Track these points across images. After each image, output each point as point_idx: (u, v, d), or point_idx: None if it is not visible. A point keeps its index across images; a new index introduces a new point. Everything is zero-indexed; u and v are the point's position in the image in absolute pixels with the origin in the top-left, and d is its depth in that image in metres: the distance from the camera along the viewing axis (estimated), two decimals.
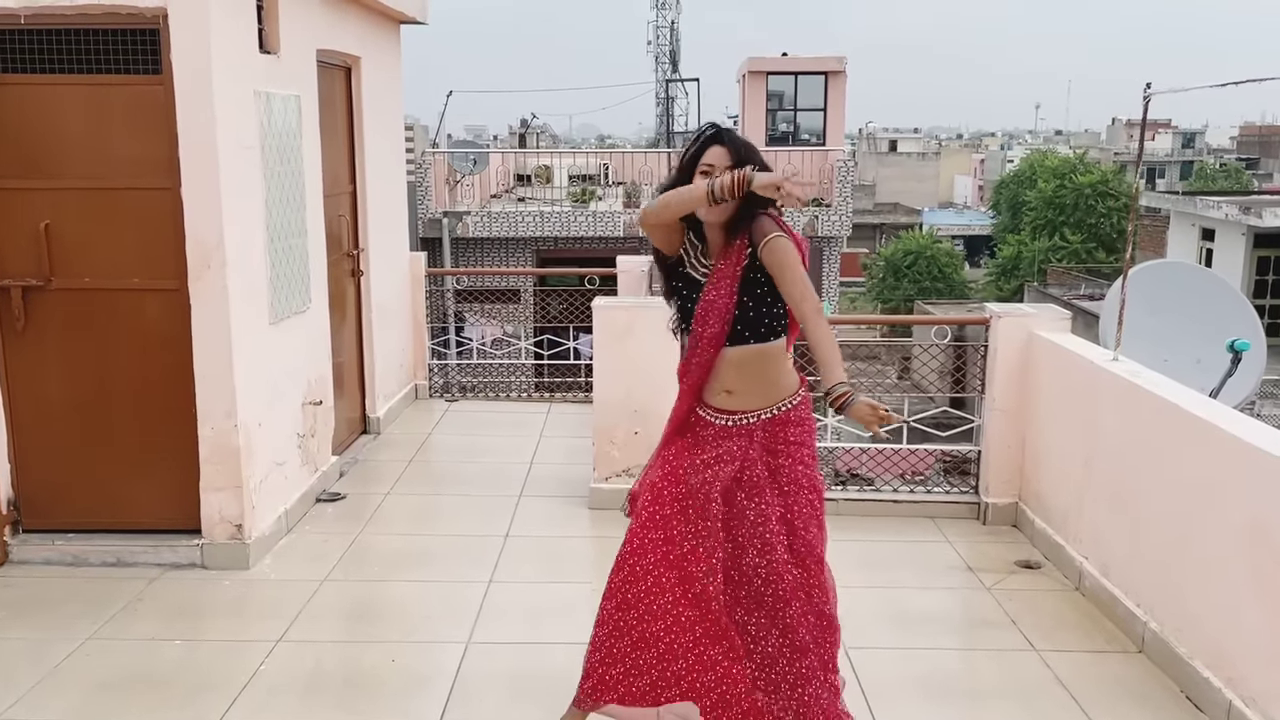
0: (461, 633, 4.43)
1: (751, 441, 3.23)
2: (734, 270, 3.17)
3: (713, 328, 3.20)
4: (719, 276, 3.19)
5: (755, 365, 3.23)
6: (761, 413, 3.24)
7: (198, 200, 4.79)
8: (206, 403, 4.95)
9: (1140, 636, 4.33)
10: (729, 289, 3.17)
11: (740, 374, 3.24)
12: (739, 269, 3.17)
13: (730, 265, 3.17)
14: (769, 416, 3.24)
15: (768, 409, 3.24)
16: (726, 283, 3.17)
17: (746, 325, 3.20)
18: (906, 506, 5.93)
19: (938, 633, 4.60)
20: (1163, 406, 4.30)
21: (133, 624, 4.49)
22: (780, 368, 3.27)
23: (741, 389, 3.25)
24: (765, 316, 3.20)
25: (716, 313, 3.19)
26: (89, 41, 4.74)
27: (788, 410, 3.25)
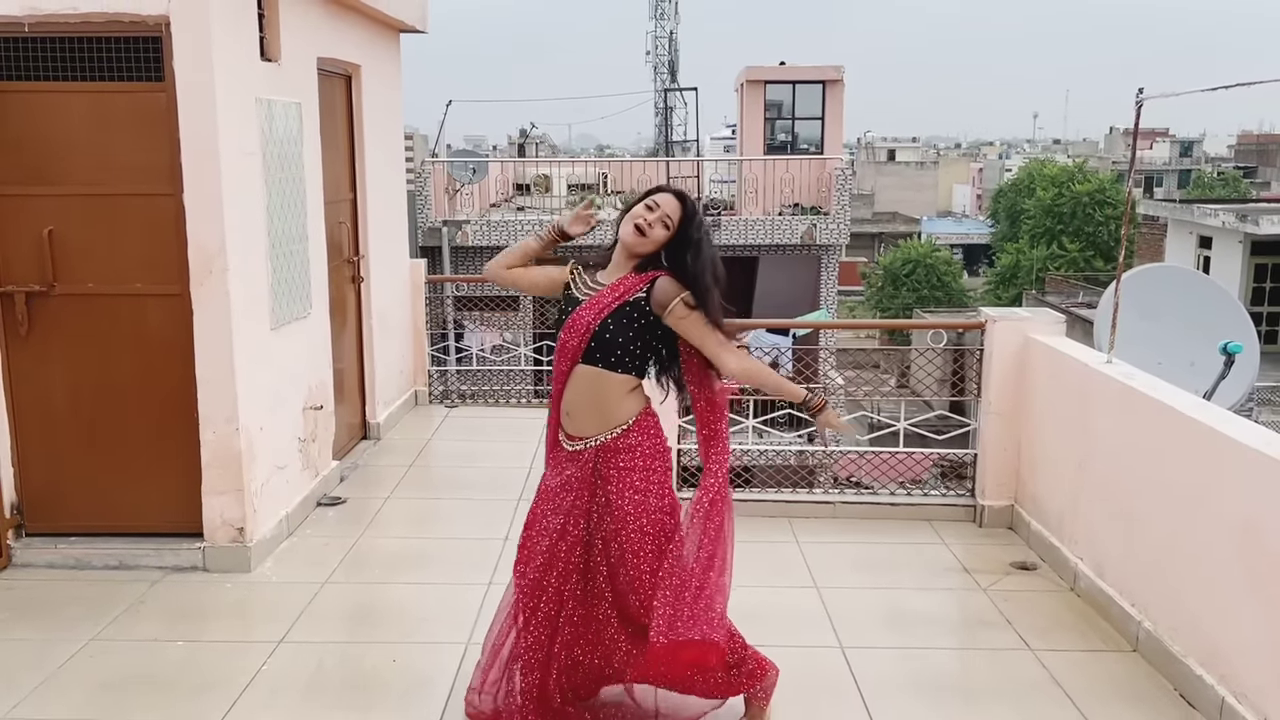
0: (461, 634, 4.46)
1: (589, 469, 3.40)
2: (614, 299, 3.33)
3: (573, 340, 3.35)
4: (598, 299, 3.36)
5: (593, 387, 3.35)
6: (595, 438, 3.38)
7: (200, 206, 4.84)
8: (208, 407, 4.99)
9: (1135, 636, 4.37)
10: (598, 311, 3.33)
11: (578, 393, 3.37)
12: (619, 300, 3.33)
13: (612, 293, 3.35)
14: (599, 443, 3.38)
15: (600, 434, 3.38)
16: (599, 306, 3.34)
17: (601, 347, 3.33)
18: (904, 509, 5.96)
19: (934, 633, 4.63)
20: (1156, 408, 4.34)
21: (135, 625, 4.52)
22: (616, 397, 3.36)
23: (577, 411, 3.39)
24: (618, 348, 3.32)
25: (579, 328, 3.34)
26: (92, 49, 4.80)
27: (616, 437, 3.37)
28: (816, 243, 19.14)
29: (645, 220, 3.33)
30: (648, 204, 3.36)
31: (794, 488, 6.23)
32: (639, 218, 3.34)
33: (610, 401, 3.36)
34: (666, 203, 3.36)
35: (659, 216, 3.33)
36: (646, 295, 3.33)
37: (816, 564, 5.29)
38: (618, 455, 3.37)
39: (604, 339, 3.32)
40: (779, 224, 19.09)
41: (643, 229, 3.32)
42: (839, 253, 19.98)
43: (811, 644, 4.40)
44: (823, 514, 5.95)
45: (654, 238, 3.34)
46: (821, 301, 19.45)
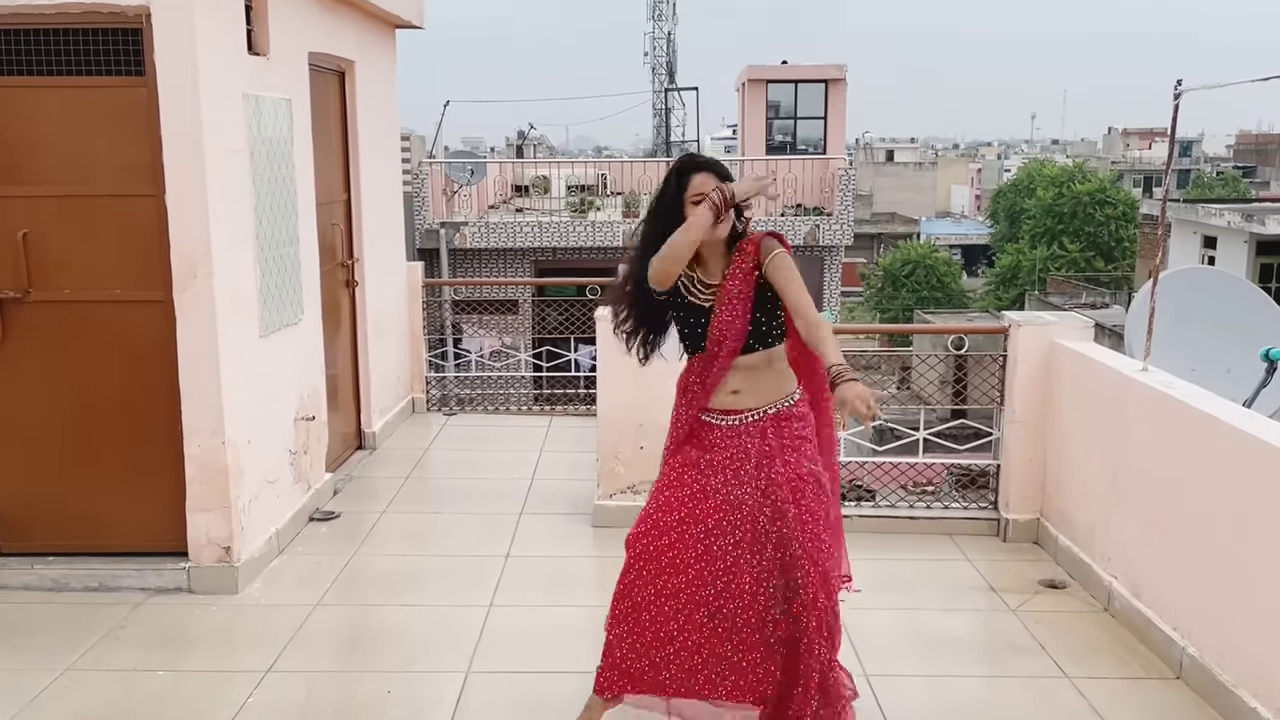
0: (461, 661, 4.20)
1: (765, 438, 3.32)
2: (745, 290, 3.28)
3: (730, 345, 3.30)
4: (729, 298, 3.28)
5: (762, 368, 3.34)
6: (766, 408, 3.34)
7: (183, 207, 4.58)
8: (193, 419, 4.73)
9: (1178, 662, 4.11)
10: (743, 309, 3.28)
11: (747, 377, 3.33)
12: (750, 289, 3.28)
13: (738, 284, 3.29)
14: (774, 412, 3.34)
15: (772, 405, 3.34)
16: (740, 303, 3.28)
17: (758, 338, 3.32)
18: (923, 523, 5.70)
19: (963, 659, 4.37)
20: (1200, 419, 4.08)
21: (114, 653, 4.25)
22: (783, 368, 3.39)
23: (747, 389, 3.34)
24: (772, 327, 3.33)
25: (734, 332, 3.29)
26: (68, 42, 4.54)
27: (791, 406, 3.36)
28: (819, 244, 18.89)
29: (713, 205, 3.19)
30: (693, 200, 3.25)
31: None
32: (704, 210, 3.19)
33: (782, 371, 3.39)
34: (708, 184, 3.25)
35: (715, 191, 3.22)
36: (759, 265, 3.27)
37: None
38: (792, 423, 3.34)
39: (759, 331, 3.31)
40: (781, 225, 18.82)
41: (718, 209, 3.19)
42: (841, 254, 19.72)
43: None
44: None
45: (727, 217, 3.25)
46: (825, 304, 19.18)
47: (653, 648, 3.28)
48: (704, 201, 3.20)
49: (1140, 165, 67.99)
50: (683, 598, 3.27)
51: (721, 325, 3.29)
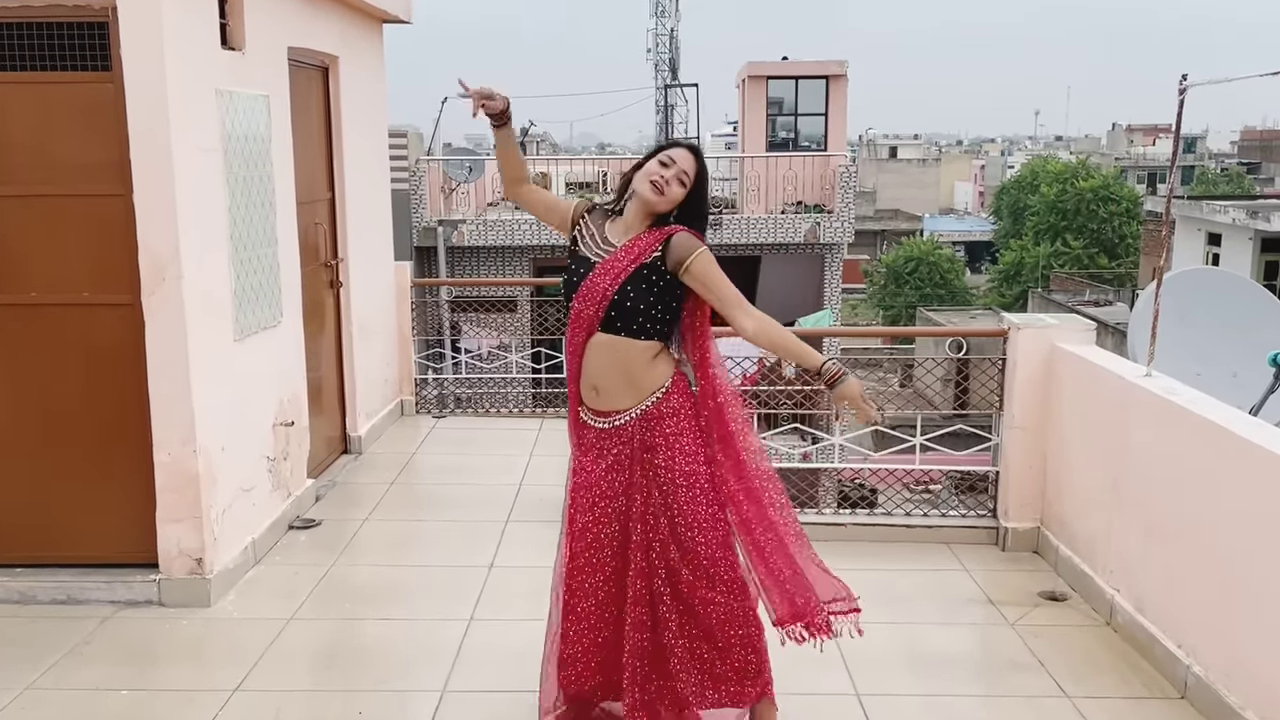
0: (437, 680, 4.04)
1: (631, 444, 3.25)
2: (630, 261, 3.17)
3: (589, 309, 3.19)
4: (612, 261, 3.20)
5: (617, 357, 3.20)
6: (633, 410, 3.24)
7: (151, 207, 4.42)
8: (163, 427, 4.57)
9: (1183, 681, 3.94)
10: (614, 276, 3.17)
11: (603, 366, 3.22)
12: (636, 263, 3.17)
13: (628, 255, 3.19)
14: (640, 413, 3.24)
15: (637, 405, 3.24)
16: (616, 270, 3.17)
17: (621, 315, 3.17)
18: (920, 531, 5.54)
19: (960, 677, 4.21)
20: (1205, 427, 3.91)
21: (77, 670, 4.10)
22: (644, 364, 3.22)
23: (606, 385, 3.23)
24: (640, 315, 3.17)
25: (595, 295, 3.18)
26: (32, 37, 4.38)
27: (658, 403, 3.24)
28: (820, 241, 18.71)
29: (662, 177, 3.18)
30: (662, 160, 3.20)
31: (800, 506, 5.80)
32: (655, 175, 3.18)
33: (638, 370, 3.22)
34: (683, 159, 3.22)
35: (675, 174, 3.19)
36: (663, 254, 3.18)
37: None
38: (663, 421, 3.24)
39: (624, 306, 3.16)
40: (782, 222, 18.67)
41: (660, 186, 3.18)
42: (843, 251, 19.54)
43: (825, 690, 3.97)
44: (833, 536, 5.51)
45: (671, 196, 3.20)
46: (826, 301, 19.02)
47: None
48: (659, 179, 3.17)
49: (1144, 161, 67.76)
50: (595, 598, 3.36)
51: (589, 284, 3.19)
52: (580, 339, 3.23)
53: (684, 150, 3.25)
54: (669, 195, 3.19)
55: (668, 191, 3.18)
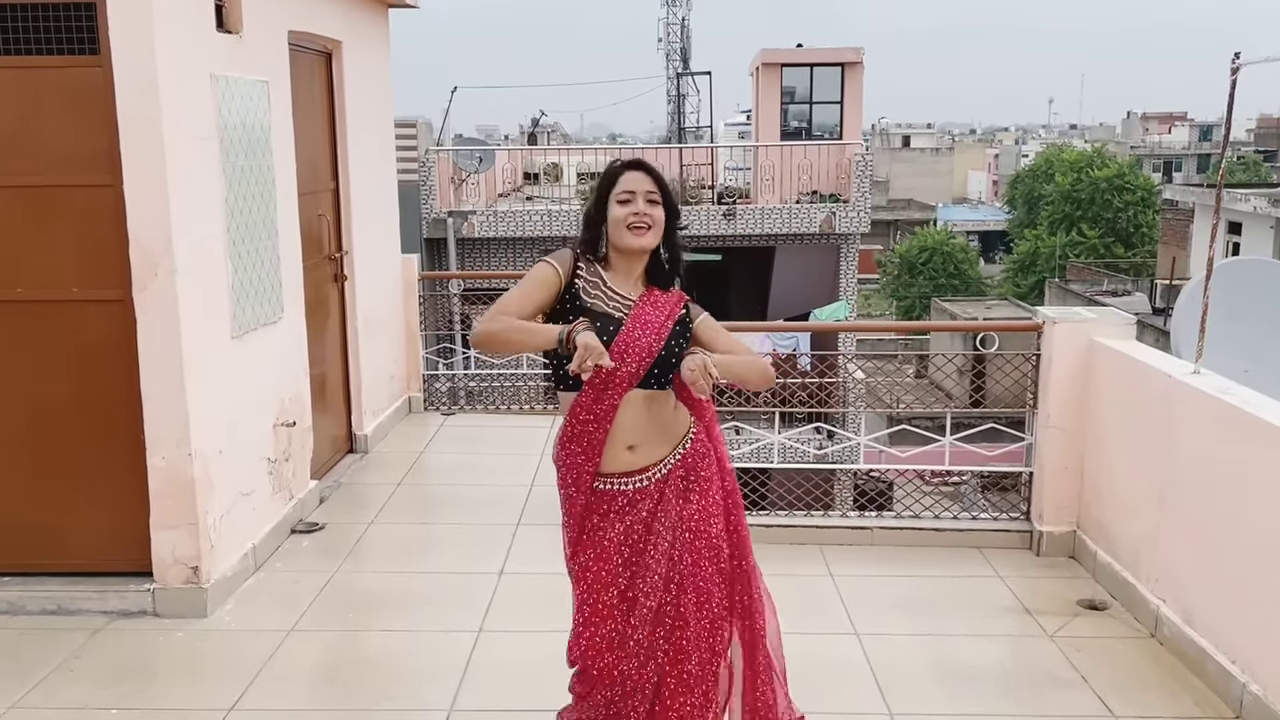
0: (444, 698, 3.81)
1: (664, 493, 2.96)
2: (666, 316, 2.95)
3: (629, 367, 2.88)
4: (648, 316, 2.93)
5: (654, 410, 2.95)
6: (667, 461, 2.97)
7: (142, 198, 4.20)
8: (156, 429, 4.35)
9: (1238, 700, 3.69)
10: (658, 332, 2.91)
11: (642, 420, 2.92)
12: (672, 318, 2.95)
13: (660, 311, 2.95)
14: (678, 458, 2.99)
15: (672, 454, 2.98)
16: (656, 324, 2.92)
17: (662, 370, 2.92)
18: (949, 535, 5.29)
19: (997, 694, 3.96)
20: (1262, 428, 3.66)
21: (66, 688, 3.89)
22: (672, 411, 3.00)
23: (643, 439, 2.94)
24: (672, 369, 2.93)
25: (639, 352, 2.88)
26: (16, 18, 4.15)
27: (691, 446, 3.01)
28: (835, 231, 18.41)
29: (636, 215, 2.90)
30: (620, 198, 2.93)
31: (824, 509, 5.57)
32: (627, 219, 2.90)
33: (670, 417, 2.99)
34: (639, 182, 2.94)
35: (643, 200, 2.92)
36: (686, 311, 3.01)
37: (855, 603, 4.63)
38: (698, 464, 3.01)
39: (666, 363, 2.91)
40: (796, 212, 18.35)
41: (640, 226, 2.91)
42: (858, 241, 19.24)
43: (856, 711, 3.74)
44: (859, 540, 5.28)
45: (657, 222, 2.93)
46: (841, 293, 18.72)
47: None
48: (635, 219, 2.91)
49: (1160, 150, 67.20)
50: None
51: (628, 338, 2.88)
52: (612, 401, 2.89)
53: (632, 173, 2.96)
54: (655, 226, 2.94)
55: (653, 221, 2.93)
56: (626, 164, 3.00)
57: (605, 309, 2.91)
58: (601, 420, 2.90)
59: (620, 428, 2.91)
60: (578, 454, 2.93)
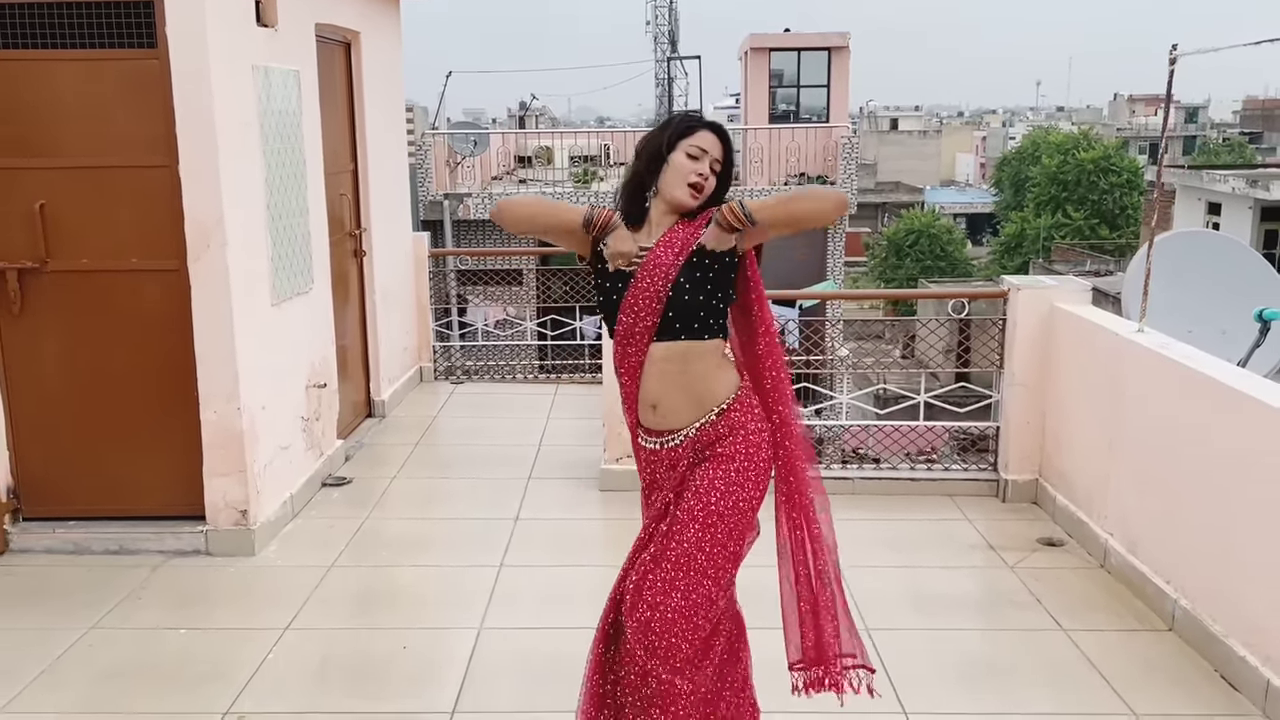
0: (473, 618, 4.32)
1: (683, 465, 2.88)
2: (676, 254, 2.82)
3: (643, 320, 2.82)
4: (654, 261, 2.82)
5: (683, 367, 2.83)
6: (688, 430, 2.86)
7: (196, 178, 4.67)
8: (208, 386, 4.83)
9: (1170, 614, 4.22)
10: (665, 274, 2.80)
11: (665, 380, 2.84)
12: (683, 253, 2.81)
13: (670, 249, 2.83)
14: (697, 430, 2.85)
15: (697, 420, 2.85)
16: (662, 268, 2.81)
17: (680, 314, 2.80)
18: (924, 485, 5.81)
19: (962, 614, 4.49)
20: (1194, 378, 4.17)
21: (136, 613, 4.38)
22: (711, 371, 2.86)
23: (667, 401, 2.85)
24: (702, 308, 2.81)
25: (648, 300, 2.81)
26: (82, 15, 4.61)
27: (717, 419, 2.85)
28: None
29: (701, 176, 2.83)
30: (691, 153, 2.83)
31: None
32: (692, 176, 2.82)
33: (706, 378, 2.84)
34: (713, 147, 2.86)
35: (710, 165, 2.85)
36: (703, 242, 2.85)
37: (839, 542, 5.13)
38: (719, 440, 2.84)
39: (682, 303, 2.79)
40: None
41: (700, 186, 2.84)
42: (845, 223, 19.74)
43: None
44: (841, 490, 5.79)
45: (709, 191, 2.86)
46: (828, 273, 19.24)
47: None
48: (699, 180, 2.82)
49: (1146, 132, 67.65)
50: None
51: (637, 290, 2.81)
52: (638, 357, 2.84)
53: (710, 135, 2.87)
54: (706, 193, 2.86)
55: (706, 187, 2.85)
56: (705, 121, 2.92)
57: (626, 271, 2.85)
58: (633, 373, 2.87)
59: (646, 383, 2.85)
60: (627, 402, 2.95)
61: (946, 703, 3.73)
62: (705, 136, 2.86)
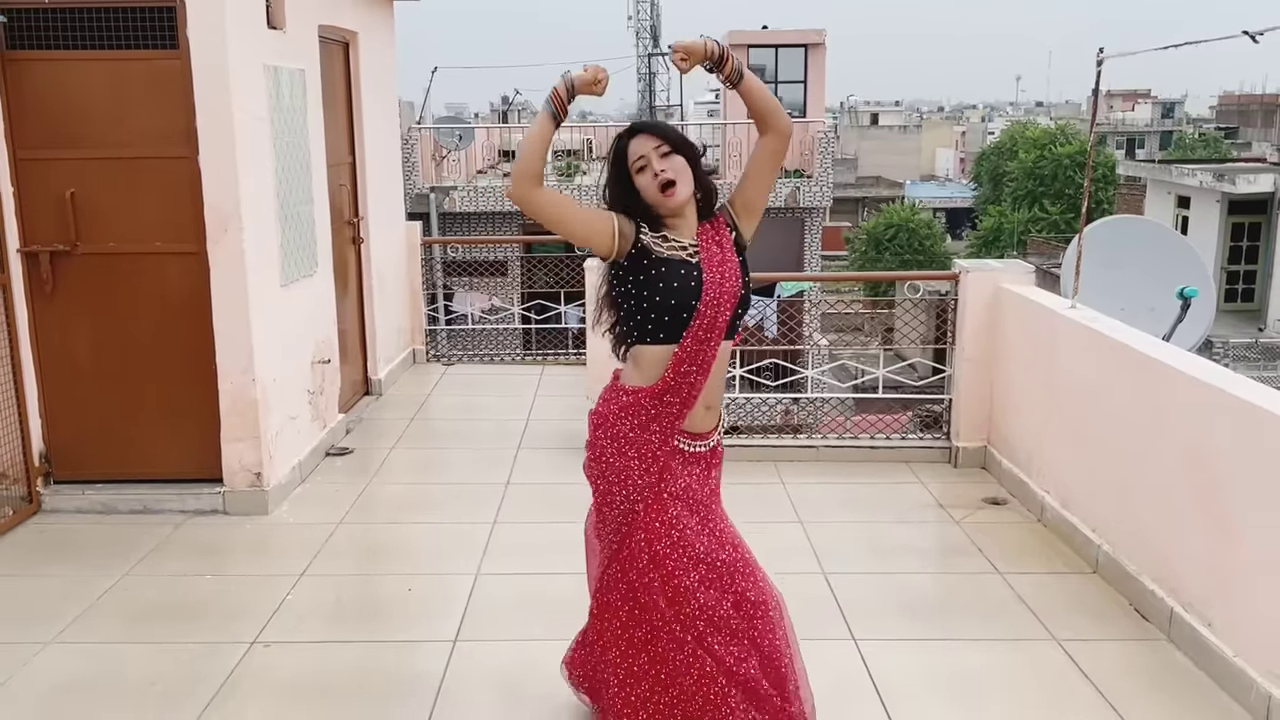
0: (471, 565, 4.79)
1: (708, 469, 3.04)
2: (729, 250, 2.91)
3: (724, 314, 2.86)
4: (717, 257, 2.87)
5: (723, 367, 2.94)
6: (719, 428, 3.05)
7: (215, 168, 5.10)
8: (226, 359, 5.28)
9: (1095, 559, 4.72)
10: (734, 270, 2.88)
11: (716, 379, 2.93)
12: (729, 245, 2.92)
13: (723, 247, 2.91)
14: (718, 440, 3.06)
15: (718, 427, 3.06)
16: (729, 265, 2.87)
17: (741, 311, 2.93)
18: (883, 452, 6.30)
19: (911, 560, 4.98)
20: (1115, 347, 4.67)
21: (164, 562, 4.83)
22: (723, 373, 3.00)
23: (715, 401, 2.97)
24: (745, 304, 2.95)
25: (728, 294, 2.85)
26: (110, 19, 5.04)
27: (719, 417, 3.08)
28: (800, 205, 19.41)
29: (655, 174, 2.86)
30: (635, 167, 2.89)
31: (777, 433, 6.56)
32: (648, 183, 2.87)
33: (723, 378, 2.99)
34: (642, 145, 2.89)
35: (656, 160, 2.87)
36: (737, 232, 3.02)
37: (801, 502, 5.63)
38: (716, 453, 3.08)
39: (747, 301, 2.94)
40: None
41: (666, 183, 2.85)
42: (823, 216, 20.26)
43: (797, 570, 4.73)
44: (807, 458, 6.28)
45: (678, 168, 2.87)
46: (805, 265, 19.74)
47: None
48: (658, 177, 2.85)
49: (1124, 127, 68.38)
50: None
51: (715, 282, 2.83)
52: (714, 351, 2.86)
53: (634, 140, 2.91)
54: (682, 174, 2.87)
55: (676, 171, 2.86)
56: (624, 135, 2.96)
57: (682, 256, 2.87)
58: (705, 369, 2.87)
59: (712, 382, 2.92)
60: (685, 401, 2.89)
61: (891, 631, 4.22)
62: (632, 146, 2.91)
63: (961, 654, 4.04)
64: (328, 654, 4.02)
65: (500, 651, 4.03)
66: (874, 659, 3.97)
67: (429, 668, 3.87)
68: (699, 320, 2.82)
